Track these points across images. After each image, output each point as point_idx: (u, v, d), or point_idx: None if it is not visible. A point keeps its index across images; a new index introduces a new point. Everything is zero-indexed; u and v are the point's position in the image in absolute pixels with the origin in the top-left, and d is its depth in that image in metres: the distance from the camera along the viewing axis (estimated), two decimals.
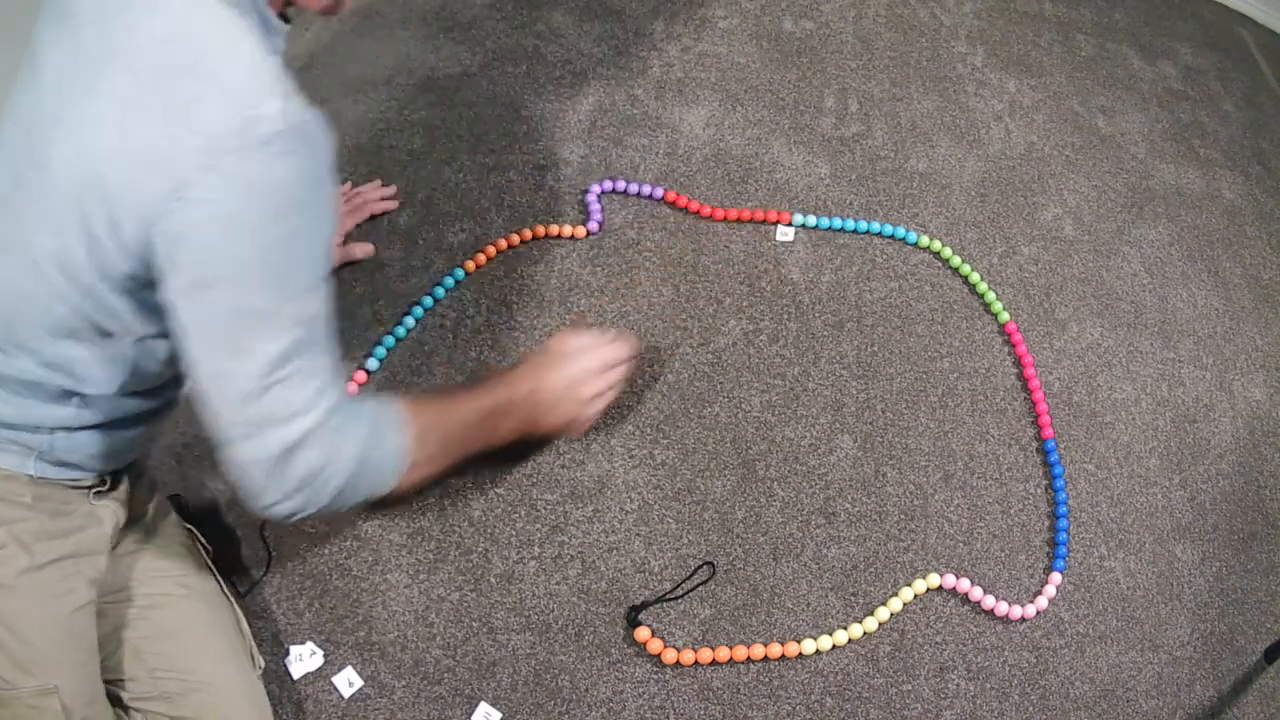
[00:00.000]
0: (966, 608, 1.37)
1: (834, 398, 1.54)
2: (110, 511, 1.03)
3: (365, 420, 0.91)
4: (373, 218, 1.62)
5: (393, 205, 1.63)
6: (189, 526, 1.16)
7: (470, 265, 1.59)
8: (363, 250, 1.56)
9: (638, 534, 1.37)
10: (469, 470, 1.23)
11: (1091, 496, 1.50)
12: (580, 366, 1.14)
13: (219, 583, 1.13)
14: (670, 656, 1.27)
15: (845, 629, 1.32)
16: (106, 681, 1.01)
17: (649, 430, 1.47)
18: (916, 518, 1.44)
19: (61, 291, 0.82)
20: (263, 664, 1.14)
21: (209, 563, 1.14)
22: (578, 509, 1.38)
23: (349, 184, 1.63)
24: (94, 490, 1.00)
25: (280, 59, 0.83)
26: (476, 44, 1.93)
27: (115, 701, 1.00)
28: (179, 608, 1.04)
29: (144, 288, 0.82)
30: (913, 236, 1.74)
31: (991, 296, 1.69)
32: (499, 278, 1.60)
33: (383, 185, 1.65)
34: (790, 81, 1.98)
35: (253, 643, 1.13)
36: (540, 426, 1.10)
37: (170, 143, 0.73)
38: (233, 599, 1.13)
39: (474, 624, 1.27)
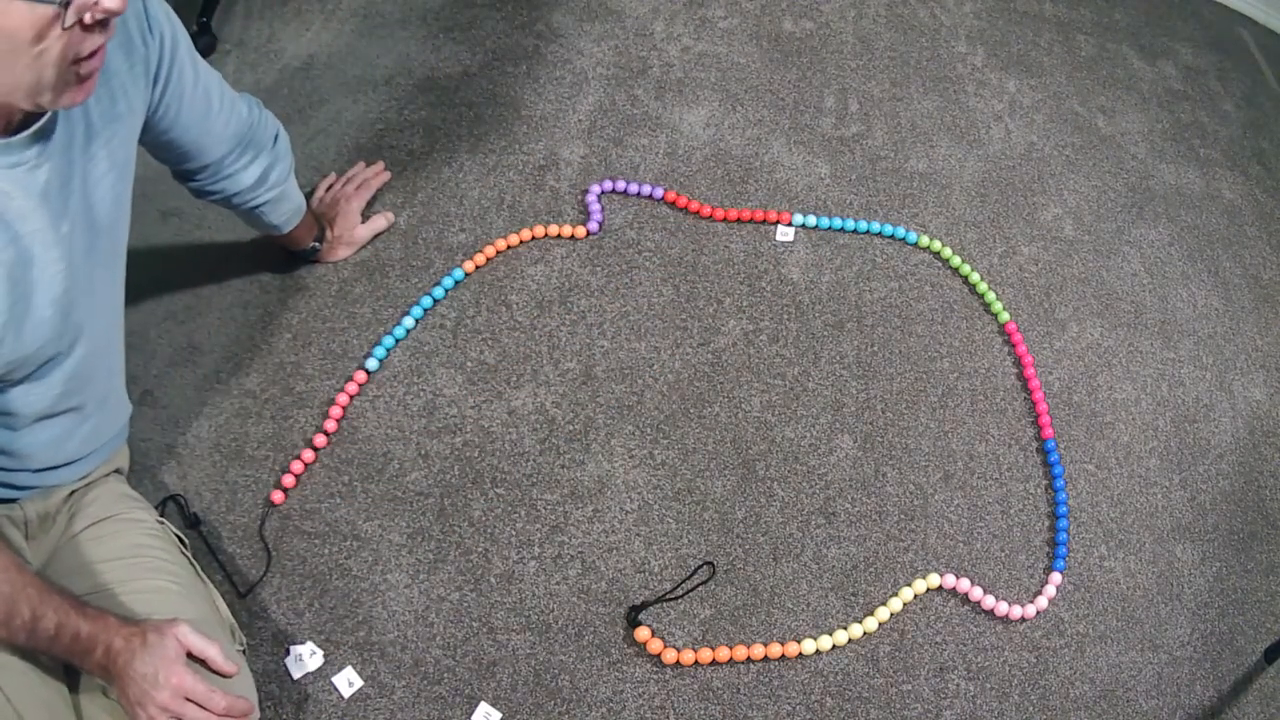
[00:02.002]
0: (966, 608, 1.37)
1: (834, 398, 1.54)
2: (32, 503, 1.06)
3: None
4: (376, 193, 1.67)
5: (387, 175, 1.69)
6: (161, 519, 1.16)
7: (470, 265, 1.59)
8: (386, 220, 1.62)
9: (638, 534, 1.37)
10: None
11: (1091, 496, 1.50)
12: (172, 694, 0.95)
13: (193, 565, 1.13)
14: (670, 656, 1.27)
15: (845, 629, 1.32)
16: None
17: (649, 430, 1.47)
18: (916, 518, 1.44)
19: None
20: (244, 640, 1.14)
21: (183, 549, 1.14)
22: (578, 509, 1.38)
23: (333, 175, 1.64)
24: None
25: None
26: (476, 44, 1.93)
27: (96, 688, 1.01)
28: (150, 587, 1.04)
29: None
30: (913, 236, 1.75)
31: (991, 296, 1.69)
32: (499, 278, 1.60)
33: (366, 164, 1.68)
34: (790, 81, 1.98)
35: (232, 620, 1.12)
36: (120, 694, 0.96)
37: None
38: (207, 582, 1.13)
39: (474, 624, 1.27)
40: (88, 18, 0.79)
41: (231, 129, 1.20)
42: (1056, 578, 1.40)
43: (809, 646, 1.29)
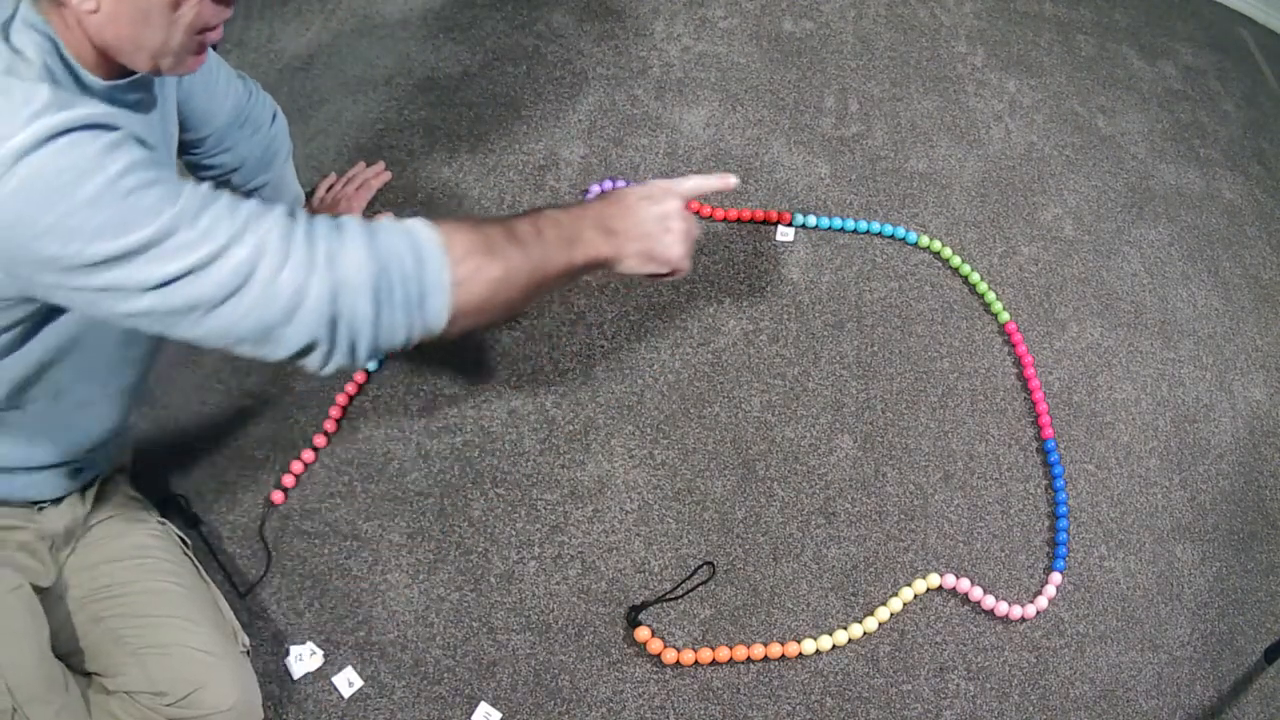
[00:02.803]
0: (966, 608, 1.37)
1: (834, 398, 1.54)
2: (59, 513, 1.05)
3: (355, 229, 0.78)
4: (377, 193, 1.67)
5: (388, 175, 1.69)
6: (163, 519, 1.16)
7: None
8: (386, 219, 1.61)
9: (638, 534, 1.37)
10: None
11: (1091, 496, 1.50)
12: (667, 207, 0.97)
13: (195, 566, 1.13)
14: (670, 656, 1.27)
15: (845, 629, 1.32)
16: (92, 673, 1.01)
17: (649, 430, 1.47)
18: (916, 518, 1.44)
19: None
20: (247, 641, 1.14)
21: (185, 550, 1.14)
22: (578, 509, 1.38)
23: (333, 175, 1.64)
24: (37, 506, 1.03)
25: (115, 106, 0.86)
26: (476, 44, 1.93)
27: (101, 689, 1.01)
28: (153, 588, 1.05)
29: None
30: (913, 236, 1.74)
31: (991, 296, 1.69)
32: None
33: (367, 164, 1.68)
34: (790, 81, 1.98)
35: (235, 621, 1.12)
36: (629, 253, 0.94)
37: None
38: (210, 583, 1.13)
39: (474, 624, 1.27)
40: None
41: (232, 99, 1.23)
42: (1056, 578, 1.40)
43: (809, 646, 1.29)
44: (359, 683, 1.21)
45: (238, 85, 1.25)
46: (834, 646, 1.31)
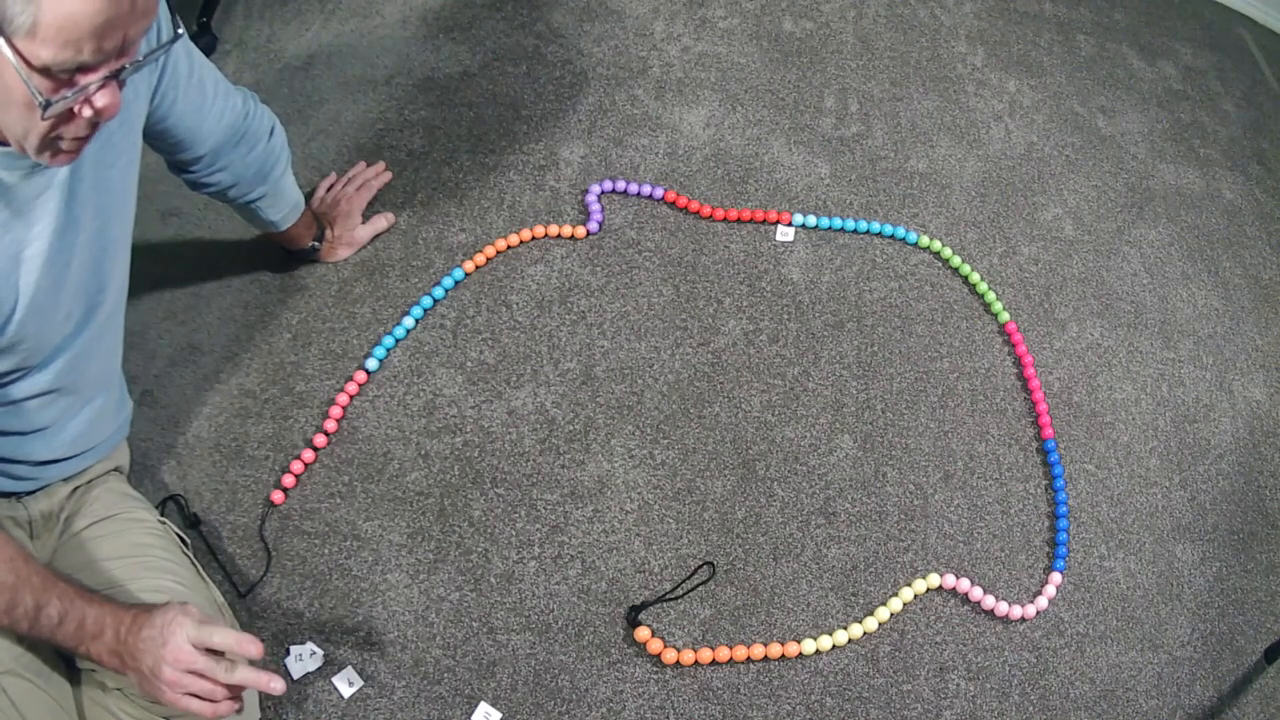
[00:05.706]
0: (966, 608, 1.37)
1: (834, 398, 1.54)
2: (36, 500, 1.06)
3: None
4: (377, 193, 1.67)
5: (388, 175, 1.68)
6: (163, 519, 1.16)
7: (470, 265, 1.59)
8: (386, 220, 1.62)
9: (638, 534, 1.37)
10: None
11: (1091, 496, 1.50)
12: (180, 668, 0.93)
13: (195, 566, 1.13)
14: (670, 656, 1.27)
15: (845, 629, 1.32)
16: (89, 669, 1.01)
17: (649, 430, 1.47)
18: (916, 518, 1.44)
19: None
20: None
21: (185, 550, 1.14)
22: (578, 509, 1.38)
23: (333, 175, 1.64)
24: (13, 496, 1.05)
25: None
26: (476, 44, 1.93)
27: (98, 686, 1.01)
28: (153, 588, 1.04)
29: None
30: (913, 236, 1.75)
31: (991, 296, 1.69)
32: (499, 278, 1.60)
33: (367, 164, 1.67)
34: (790, 81, 1.98)
35: (235, 621, 1.12)
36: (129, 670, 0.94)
37: None
38: (209, 582, 1.13)
39: (474, 624, 1.27)
40: (76, 109, 0.80)
41: (227, 120, 1.20)
42: (1056, 578, 1.40)
43: (809, 646, 1.29)
44: (359, 683, 1.21)
45: (235, 103, 1.21)
46: (834, 646, 1.31)
